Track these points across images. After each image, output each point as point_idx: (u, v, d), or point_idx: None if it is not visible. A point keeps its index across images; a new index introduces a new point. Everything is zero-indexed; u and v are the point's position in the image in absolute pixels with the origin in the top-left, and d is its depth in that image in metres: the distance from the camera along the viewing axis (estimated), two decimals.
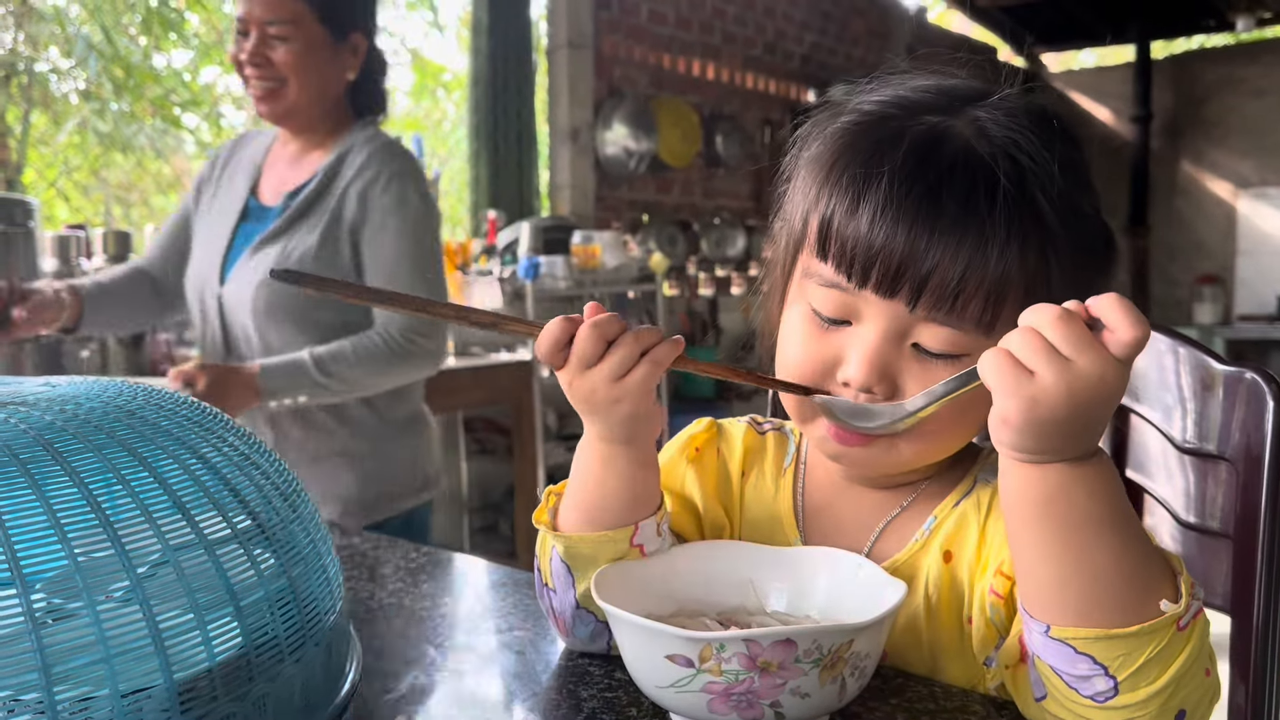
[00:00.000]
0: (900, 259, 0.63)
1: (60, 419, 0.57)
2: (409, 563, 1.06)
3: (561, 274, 3.90)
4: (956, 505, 0.74)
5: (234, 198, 1.74)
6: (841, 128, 0.70)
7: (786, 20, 5.82)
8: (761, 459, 0.82)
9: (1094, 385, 0.51)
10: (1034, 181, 0.64)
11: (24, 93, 4.07)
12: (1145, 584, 0.56)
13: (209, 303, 1.70)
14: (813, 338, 0.69)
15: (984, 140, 0.64)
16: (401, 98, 5.16)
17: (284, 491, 0.64)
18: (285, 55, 1.62)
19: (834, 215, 0.66)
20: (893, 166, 0.64)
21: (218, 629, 0.53)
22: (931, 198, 0.63)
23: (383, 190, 1.63)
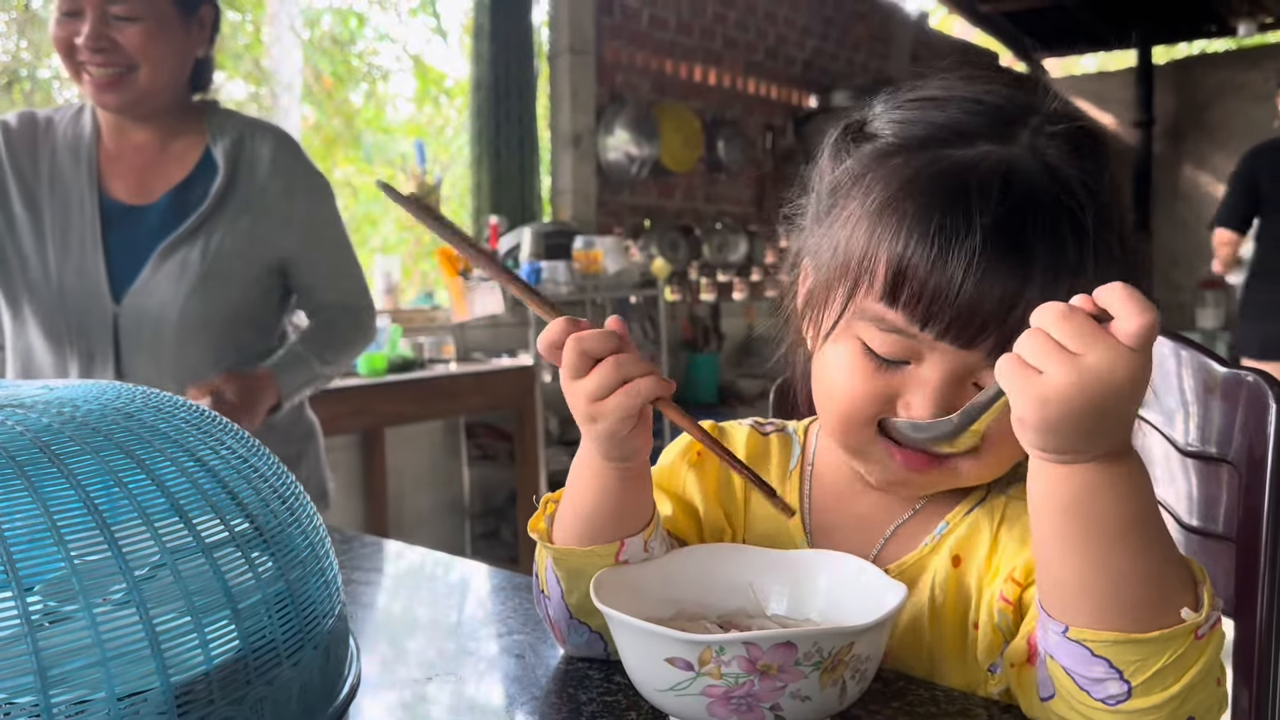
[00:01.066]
0: (986, 314, 0.62)
1: (58, 421, 0.57)
2: (410, 567, 1.06)
3: (563, 279, 3.90)
4: (969, 512, 0.73)
5: (74, 201, 1.50)
6: (892, 149, 0.68)
7: (788, 26, 5.83)
8: (766, 462, 0.81)
9: (1104, 378, 0.50)
10: (1101, 215, 0.63)
11: (26, 99, 4.08)
12: (1167, 590, 0.55)
13: (93, 324, 1.49)
14: (867, 375, 0.67)
15: (1052, 177, 0.64)
16: (404, 104, 5.17)
17: (282, 495, 0.64)
18: (134, 37, 1.42)
19: (914, 264, 0.63)
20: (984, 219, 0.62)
21: (215, 632, 0.53)
22: (1022, 248, 0.62)
23: (305, 182, 1.58)
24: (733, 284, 5.57)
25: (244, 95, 4.09)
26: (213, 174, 1.53)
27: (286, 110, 3.95)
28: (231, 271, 1.52)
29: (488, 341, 4.11)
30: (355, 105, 4.80)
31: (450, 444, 4.08)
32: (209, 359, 1.52)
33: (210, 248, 1.50)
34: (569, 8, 4.49)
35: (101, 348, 1.50)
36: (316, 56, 4.53)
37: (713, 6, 5.32)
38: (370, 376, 3.28)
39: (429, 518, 3.98)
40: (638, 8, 4.89)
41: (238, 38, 4.13)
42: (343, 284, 1.64)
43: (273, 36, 4.03)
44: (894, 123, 0.70)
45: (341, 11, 4.73)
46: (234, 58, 4.12)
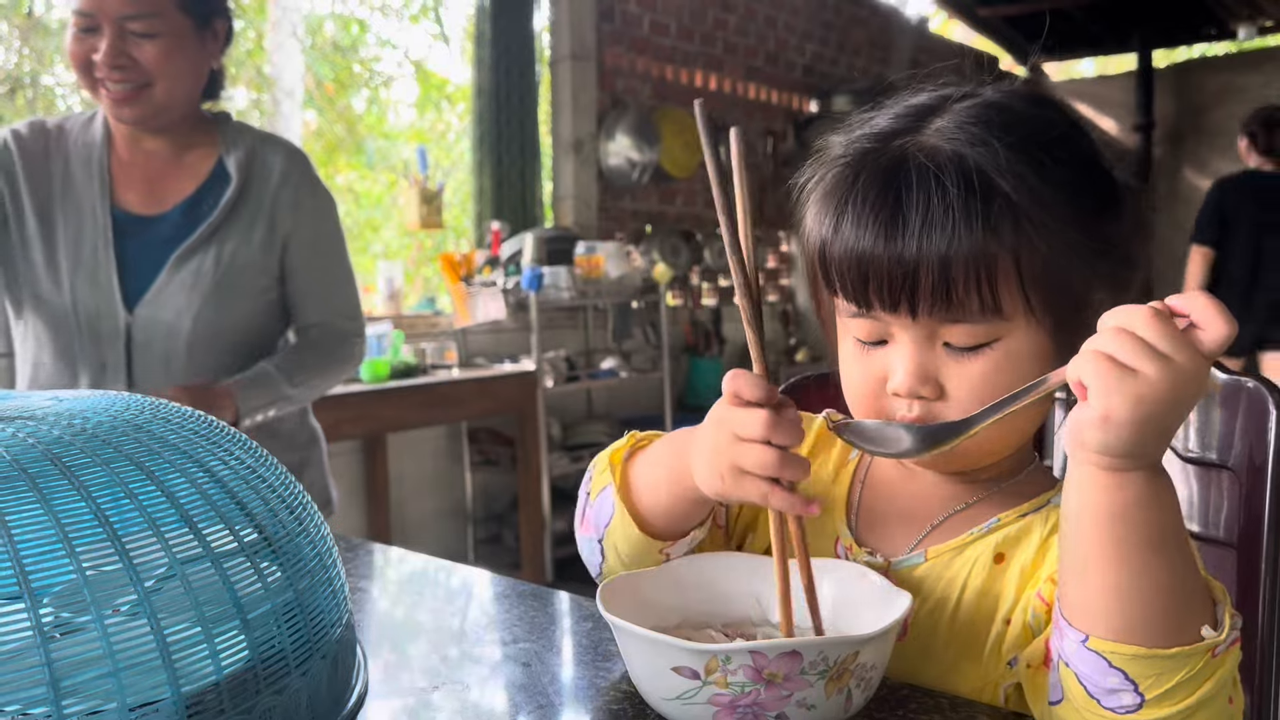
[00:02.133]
0: (885, 274, 0.68)
1: (68, 433, 0.57)
2: (415, 574, 1.07)
3: (565, 285, 3.91)
4: (1024, 516, 0.75)
5: (87, 211, 1.51)
6: (825, 169, 0.76)
7: (788, 31, 5.84)
8: (830, 447, 0.86)
9: (1191, 382, 0.52)
10: (989, 166, 0.66)
11: (30, 106, 4.09)
12: (1191, 607, 0.57)
13: (105, 333, 1.50)
14: (862, 361, 0.73)
15: (940, 147, 0.68)
16: (405, 110, 5.18)
17: (290, 504, 0.65)
18: (152, 53, 1.43)
19: (824, 248, 0.72)
20: (856, 195, 0.69)
21: (225, 642, 0.53)
22: (895, 211, 0.67)
23: (312, 197, 1.59)
24: (734, 289, 5.57)
25: (245, 102, 4.10)
26: (225, 185, 1.54)
27: (288, 116, 3.96)
28: (244, 281, 1.53)
29: (490, 347, 4.12)
30: (357, 111, 4.81)
31: (453, 449, 4.08)
32: (220, 368, 1.52)
33: (223, 257, 1.51)
34: (570, 14, 4.50)
35: (114, 358, 1.50)
36: (318, 63, 4.54)
37: (713, 12, 5.32)
38: (373, 382, 3.28)
39: (431, 523, 3.98)
40: (638, 14, 4.89)
41: (240, 44, 4.14)
42: (334, 303, 1.63)
43: (275, 43, 4.04)
44: (839, 142, 0.76)
45: (343, 18, 4.74)
46: (236, 64, 4.13)
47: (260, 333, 1.59)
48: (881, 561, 0.76)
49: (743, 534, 0.85)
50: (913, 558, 0.76)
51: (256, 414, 1.49)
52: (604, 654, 0.77)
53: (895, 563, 0.76)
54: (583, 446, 4.14)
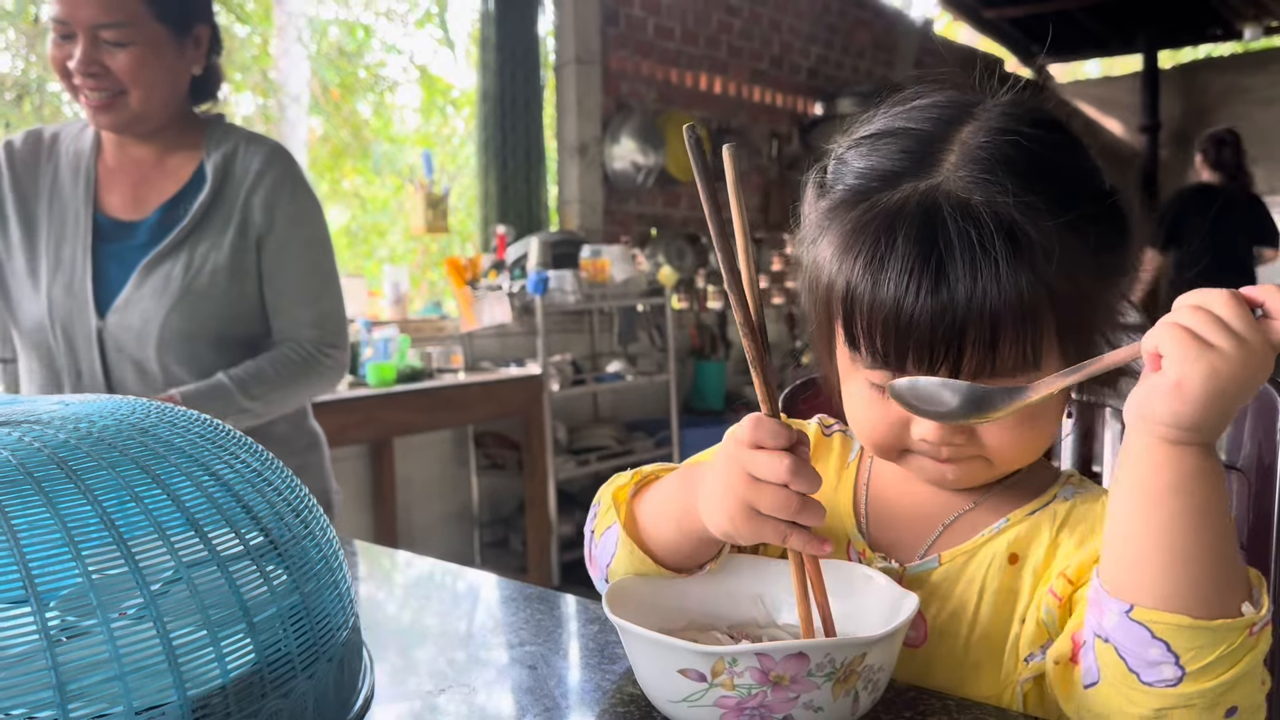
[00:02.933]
0: (930, 339, 0.66)
1: (74, 437, 0.57)
2: (421, 577, 1.07)
3: (570, 288, 3.91)
4: (1032, 514, 0.76)
5: (70, 217, 1.51)
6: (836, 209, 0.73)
7: (792, 34, 5.84)
8: (826, 455, 0.85)
9: (1260, 364, 0.55)
10: (1021, 218, 0.66)
11: (36, 113, 4.10)
12: (1232, 583, 0.58)
13: (79, 339, 1.49)
14: (879, 405, 0.72)
15: (963, 205, 0.67)
16: (410, 114, 5.18)
17: (295, 508, 0.64)
18: (125, 62, 1.43)
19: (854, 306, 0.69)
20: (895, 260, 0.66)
21: (231, 645, 0.53)
22: (935, 275, 0.65)
23: (289, 200, 1.54)
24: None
25: (252, 108, 4.11)
26: (201, 188, 1.53)
27: (294, 122, 3.97)
28: (213, 287, 1.50)
29: (496, 351, 4.12)
30: (363, 116, 4.82)
31: (459, 453, 4.08)
32: (193, 374, 1.50)
33: (193, 263, 1.49)
34: (574, 18, 4.50)
35: (88, 363, 1.50)
36: (324, 68, 4.55)
37: (717, 15, 5.33)
38: (379, 386, 3.28)
39: (438, 527, 3.99)
40: (643, 18, 4.90)
41: (245, 50, 4.16)
42: (308, 312, 1.57)
43: (280, 49, 4.05)
44: (842, 173, 0.74)
45: (348, 23, 4.75)
46: (242, 70, 4.14)
47: (239, 337, 1.55)
48: (897, 567, 0.76)
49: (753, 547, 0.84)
50: (927, 562, 0.76)
51: None
52: (610, 656, 0.77)
53: (910, 568, 0.76)
54: (589, 450, 4.14)
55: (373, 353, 3.47)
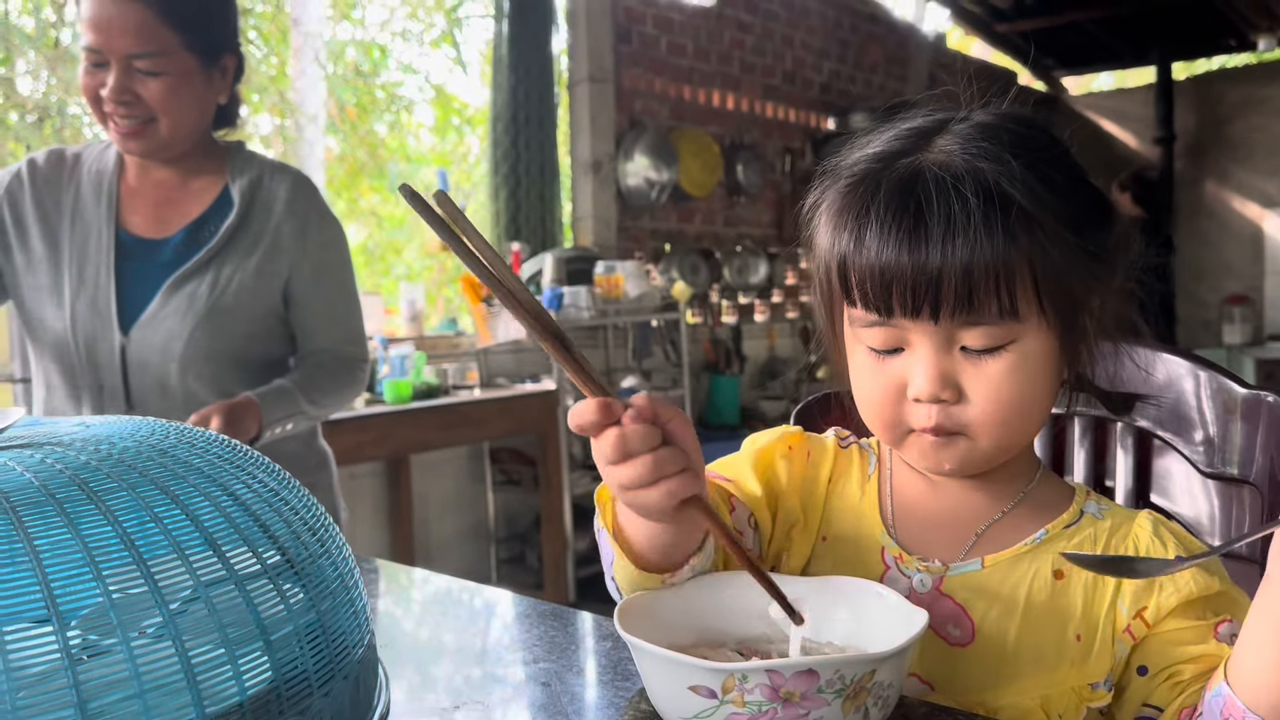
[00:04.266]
0: (910, 280, 0.70)
1: (95, 459, 0.58)
2: (436, 594, 1.07)
3: (585, 304, 3.92)
4: (1068, 528, 0.78)
5: (93, 234, 1.54)
6: (837, 189, 0.78)
7: (805, 49, 5.86)
8: (847, 468, 0.87)
9: None
10: (1000, 177, 0.70)
11: (57, 135, 4.15)
12: None
13: (101, 355, 1.52)
14: (877, 372, 0.76)
15: (950, 162, 0.72)
16: (425, 133, 5.22)
17: (312, 526, 0.65)
18: (156, 91, 1.46)
19: (845, 260, 0.75)
20: (879, 207, 0.72)
21: (248, 663, 0.54)
22: (917, 220, 0.70)
23: (319, 228, 1.60)
24: (754, 306, 5.58)
25: (269, 128, 4.15)
26: (227, 211, 1.56)
27: (312, 142, 4.00)
28: (238, 306, 1.53)
29: (511, 367, 4.14)
30: (379, 135, 4.86)
31: (475, 469, 4.09)
32: (214, 392, 1.53)
33: (219, 283, 1.52)
34: (588, 37, 4.53)
35: (111, 380, 1.52)
36: (341, 88, 4.59)
37: (729, 32, 5.35)
38: (396, 404, 3.30)
39: (454, 543, 4.00)
40: (655, 35, 4.93)
41: (263, 71, 4.20)
42: (340, 330, 1.64)
43: (297, 69, 4.09)
44: (845, 164, 0.80)
45: (364, 43, 4.79)
46: (259, 90, 4.18)
47: (259, 359, 1.59)
48: (939, 566, 0.78)
49: (775, 558, 0.85)
50: (969, 564, 0.78)
51: (276, 426, 1.51)
52: (623, 673, 0.77)
53: (953, 568, 0.78)
54: None
55: (389, 370, 3.49)
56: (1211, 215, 7.95)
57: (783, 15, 5.69)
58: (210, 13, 1.52)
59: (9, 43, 4.05)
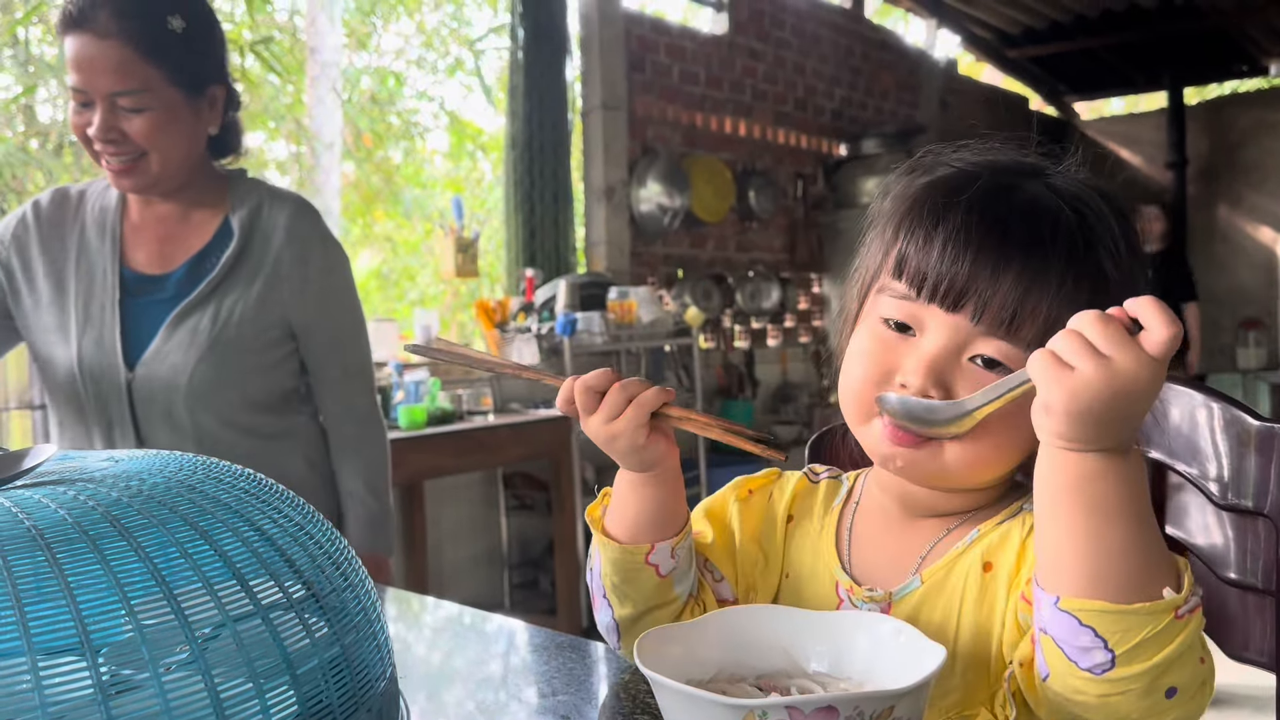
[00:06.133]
0: (966, 280, 0.71)
1: (125, 495, 0.59)
2: (455, 626, 1.08)
3: (598, 330, 3.94)
4: (1001, 524, 0.77)
5: (98, 273, 1.55)
6: (922, 183, 0.78)
7: (816, 76, 5.89)
8: (810, 502, 0.87)
9: (1130, 380, 0.57)
10: (1094, 233, 0.71)
11: (76, 163, 4.20)
12: (1151, 571, 0.60)
13: (108, 392, 1.52)
14: (877, 348, 0.76)
15: (1052, 193, 0.73)
16: (440, 159, 5.26)
17: (336, 559, 0.66)
18: (141, 127, 1.46)
19: (910, 245, 0.74)
20: (969, 199, 0.72)
21: (275, 697, 0.55)
22: (1000, 230, 0.71)
23: (321, 254, 1.59)
24: (766, 331, 5.59)
25: (286, 155, 4.19)
26: (228, 243, 1.56)
27: (328, 169, 4.05)
28: (241, 338, 1.53)
29: (524, 392, 4.15)
30: (395, 162, 4.90)
31: (488, 495, 4.10)
32: (223, 423, 1.54)
33: (221, 315, 1.53)
34: (601, 65, 4.57)
35: (119, 415, 1.52)
36: (357, 115, 4.64)
37: (741, 60, 5.39)
38: (410, 430, 3.31)
39: (468, 569, 4.00)
40: (668, 64, 4.97)
41: (280, 99, 4.25)
42: (348, 357, 1.64)
43: (314, 97, 4.14)
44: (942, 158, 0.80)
45: (380, 71, 4.84)
46: (276, 118, 4.23)
47: (266, 388, 1.59)
48: (883, 595, 0.78)
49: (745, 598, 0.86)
50: (910, 584, 0.78)
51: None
52: (642, 706, 0.78)
53: (896, 592, 0.78)
54: None
55: (404, 396, 3.50)
56: (1225, 239, 7.94)
57: (794, 43, 5.73)
58: (192, 45, 1.51)
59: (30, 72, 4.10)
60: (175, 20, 1.48)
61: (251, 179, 1.65)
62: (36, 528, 0.55)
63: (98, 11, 1.43)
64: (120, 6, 1.44)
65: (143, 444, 1.52)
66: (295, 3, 4.47)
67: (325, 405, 1.65)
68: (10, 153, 4.03)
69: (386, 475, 1.69)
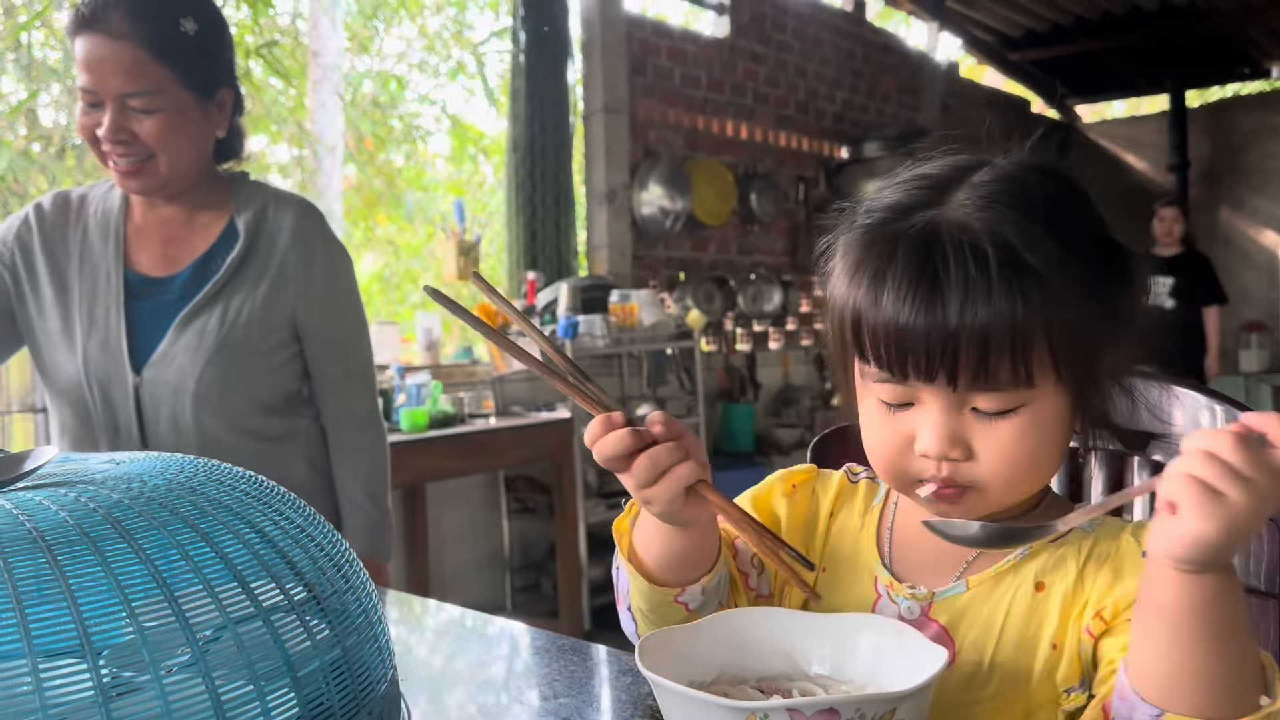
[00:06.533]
0: (925, 349, 0.70)
1: (126, 497, 0.59)
2: (456, 629, 1.08)
3: (600, 333, 3.94)
4: (1054, 541, 0.78)
5: (102, 276, 1.55)
6: (853, 237, 0.77)
7: (818, 79, 5.89)
8: (851, 500, 0.88)
9: (1270, 495, 0.56)
10: (1019, 243, 0.69)
11: (79, 166, 4.21)
12: (1253, 680, 0.61)
13: (115, 395, 1.53)
14: (887, 423, 0.76)
15: (968, 225, 0.71)
16: (441, 162, 5.27)
17: (337, 561, 0.66)
18: (152, 128, 1.46)
19: (861, 321, 0.74)
20: (895, 271, 0.71)
21: (276, 699, 0.55)
22: (934, 289, 0.69)
23: (325, 255, 1.60)
24: (768, 334, 5.59)
25: (288, 158, 4.19)
26: (233, 244, 1.56)
27: (330, 172, 4.05)
28: (248, 339, 1.54)
29: (526, 395, 4.15)
30: (396, 165, 4.91)
31: (490, 498, 4.10)
32: (227, 426, 1.54)
33: (227, 316, 1.53)
34: (603, 68, 4.58)
35: (125, 418, 1.52)
36: (359, 119, 4.64)
37: (743, 63, 5.39)
38: (412, 432, 3.31)
39: (470, 572, 4.00)
40: (669, 67, 4.97)
41: (282, 102, 4.25)
42: (350, 359, 1.65)
43: (316, 101, 4.14)
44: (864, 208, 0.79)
45: (383, 74, 4.85)
46: (278, 122, 4.23)
47: (272, 391, 1.59)
48: (925, 594, 0.78)
49: (780, 594, 0.86)
50: (955, 588, 0.78)
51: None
52: (644, 709, 0.78)
53: (939, 594, 0.78)
54: (619, 494, 4.14)
55: (406, 398, 3.50)
56: (1227, 242, 7.93)
57: (796, 46, 5.73)
58: (204, 48, 1.51)
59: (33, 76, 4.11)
60: (188, 22, 1.48)
61: (255, 181, 1.65)
62: (38, 530, 0.55)
63: (110, 12, 1.43)
64: (133, 8, 1.44)
65: (147, 447, 1.51)
66: (297, 6, 4.49)
67: (326, 408, 1.64)
68: (13, 157, 4.04)
69: (386, 481, 1.69)
